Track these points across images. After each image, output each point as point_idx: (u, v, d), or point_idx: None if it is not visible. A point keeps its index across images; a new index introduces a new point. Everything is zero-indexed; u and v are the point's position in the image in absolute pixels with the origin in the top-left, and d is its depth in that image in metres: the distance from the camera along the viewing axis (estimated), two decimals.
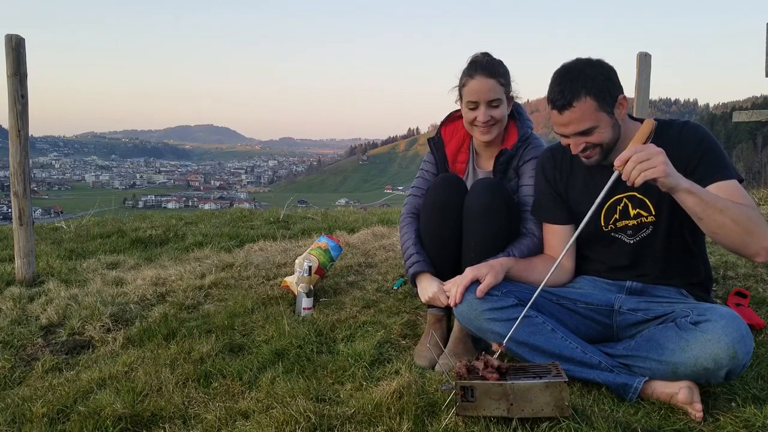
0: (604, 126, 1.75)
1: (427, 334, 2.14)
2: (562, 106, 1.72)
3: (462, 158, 2.31)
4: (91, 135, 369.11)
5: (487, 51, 2.20)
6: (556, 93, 1.73)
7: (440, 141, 2.33)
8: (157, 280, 3.18)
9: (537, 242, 2.08)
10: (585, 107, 1.71)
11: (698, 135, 1.78)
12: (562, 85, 1.72)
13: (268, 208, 6.84)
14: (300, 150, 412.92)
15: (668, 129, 1.84)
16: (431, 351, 2.01)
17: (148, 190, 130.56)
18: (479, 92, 2.07)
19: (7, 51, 3.22)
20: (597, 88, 1.71)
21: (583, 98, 1.70)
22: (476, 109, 2.09)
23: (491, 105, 2.08)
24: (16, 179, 3.32)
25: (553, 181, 2.02)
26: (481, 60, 2.11)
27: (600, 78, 1.72)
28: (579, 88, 1.70)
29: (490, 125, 2.10)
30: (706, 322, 1.56)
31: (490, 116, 2.08)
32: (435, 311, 2.18)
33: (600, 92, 1.71)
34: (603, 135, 1.76)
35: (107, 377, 2.06)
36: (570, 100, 1.70)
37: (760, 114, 4.95)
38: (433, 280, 2.09)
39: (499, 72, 2.09)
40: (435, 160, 2.34)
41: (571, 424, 1.45)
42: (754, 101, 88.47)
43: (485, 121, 2.08)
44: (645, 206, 1.85)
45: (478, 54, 2.18)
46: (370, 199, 54.34)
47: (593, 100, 1.70)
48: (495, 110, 2.09)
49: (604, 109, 1.73)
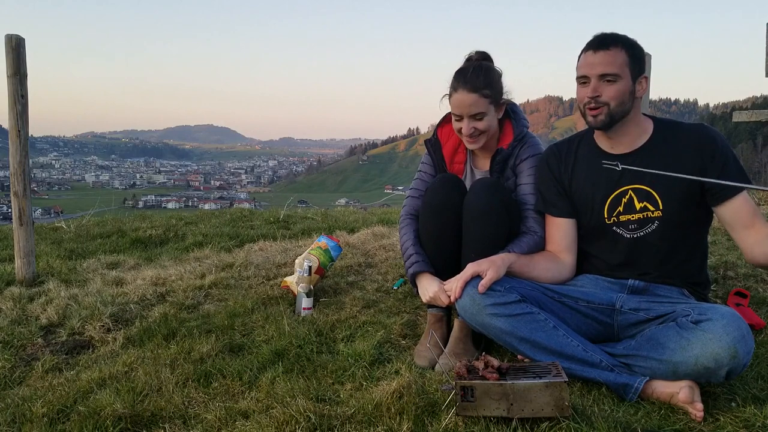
0: (624, 84, 1.81)
1: (427, 334, 2.14)
2: (598, 45, 1.83)
3: (459, 158, 2.32)
4: (91, 135, 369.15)
5: (483, 51, 2.22)
6: (596, 37, 1.85)
7: (437, 142, 2.34)
8: (157, 280, 3.17)
9: (538, 240, 2.08)
10: (619, 55, 1.82)
11: (720, 140, 1.83)
12: (605, 34, 1.86)
13: (268, 208, 6.84)
14: (300, 150, 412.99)
15: (679, 126, 1.89)
16: (431, 351, 2.00)
17: (148, 190, 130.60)
18: (461, 107, 2.09)
19: (7, 51, 3.22)
20: (633, 51, 1.83)
21: (620, 48, 1.82)
22: (461, 120, 2.12)
23: (475, 118, 2.10)
24: (16, 179, 3.32)
25: (557, 174, 2.03)
26: (467, 71, 2.10)
27: (637, 47, 1.85)
28: (620, 40, 1.83)
29: (474, 136, 2.13)
30: (707, 321, 1.56)
31: (473, 128, 2.10)
32: (435, 311, 2.18)
33: (634, 55, 1.83)
34: (620, 91, 1.81)
35: (107, 377, 2.06)
36: (609, 43, 1.82)
37: (760, 114, 4.95)
38: (433, 279, 2.09)
39: (483, 84, 2.08)
40: (432, 161, 2.36)
41: (571, 424, 1.45)
42: (754, 101, 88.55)
43: (469, 133, 2.11)
44: (652, 199, 1.85)
45: (470, 55, 2.19)
46: (370, 199, 54.34)
47: (627, 56, 1.82)
48: (479, 122, 2.10)
49: (630, 69, 1.82)
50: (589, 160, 1.97)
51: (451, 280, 1.92)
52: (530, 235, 2.08)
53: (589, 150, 1.99)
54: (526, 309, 1.77)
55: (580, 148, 2.01)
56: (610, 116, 1.83)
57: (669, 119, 1.94)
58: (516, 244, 2.06)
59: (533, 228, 2.09)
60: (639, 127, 1.89)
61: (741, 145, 50.36)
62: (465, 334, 2.07)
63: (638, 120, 1.89)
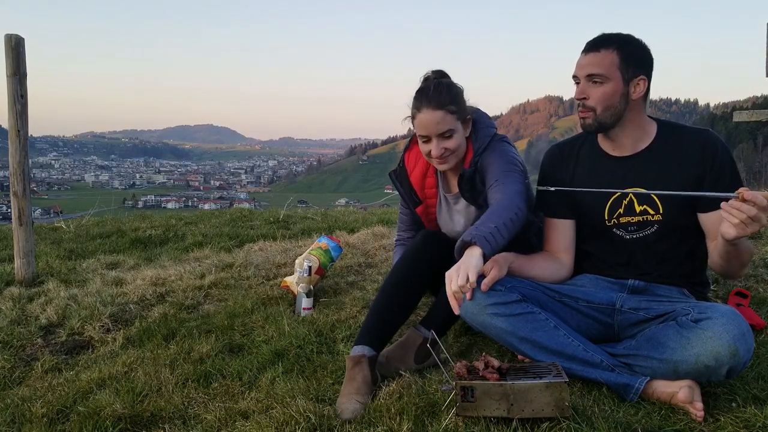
0: (612, 87, 1.79)
1: (349, 381, 1.80)
2: (590, 47, 1.82)
3: (430, 183, 2.21)
4: (91, 135, 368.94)
5: (440, 69, 2.09)
6: (590, 40, 1.84)
7: (403, 172, 2.23)
8: (157, 280, 3.17)
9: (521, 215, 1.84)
10: (608, 57, 1.80)
11: (722, 149, 1.81)
12: (600, 35, 1.84)
13: (268, 208, 6.84)
14: (300, 150, 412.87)
15: (683, 130, 1.88)
16: (354, 399, 1.70)
17: (148, 190, 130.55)
18: (428, 126, 1.96)
19: (6, 51, 3.22)
20: (628, 51, 1.80)
21: (611, 50, 1.79)
22: (429, 141, 1.99)
23: (443, 136, 1.97)
24: (16, 179, 3.32)
25: (559, 174, 2.02)
26: (428, 90, 1.98)
27: (634, 46, 1.81)
28: (611, 41, 1.81)
29: (445, 156, 2.00)
30: (707, 319, 1.56)
31: (443, 148, 1.98)
32: (354, 353, 1.87)
33: (627, 56, 1.80)
34: (606, 94, 1.80)
35: (107, 377, 2.06)
36: (600, 45, 1.81)
37: (760, 114, 4.95)
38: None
39: (447, 100, 1.96)
40: (402, 195, 2.26)
41: (571, 424, 1.45)
42: (754, 101, 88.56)
43: (439, 154, 1.99)
44: (652, 203, 1.85)
45: (427, 75, 2.07)
46: (370, 199, 54.32)
47: (617, 57, 1.79)
48: (448, 141, 1.98)
49: (621, 71, 1.79)
50: (591, 161, 1.97)
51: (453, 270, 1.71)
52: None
53: (591, 151, 1.98)
54: (527, 309, 1.77)
55: (583, 148, 2.01)
56: (598, 121, 1.83)
57: (673, 122, 1.92)
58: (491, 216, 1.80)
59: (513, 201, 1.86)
60: (640, 129, 1.87)
61: (741, 145, 50.36)
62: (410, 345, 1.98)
63: (639, 122, 1.87)
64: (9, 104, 3.24)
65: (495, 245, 1.68)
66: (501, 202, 1.84)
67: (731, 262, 1.70)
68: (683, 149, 1.83)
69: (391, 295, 1.98)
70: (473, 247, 1.67)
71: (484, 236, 1.67)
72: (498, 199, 1.87)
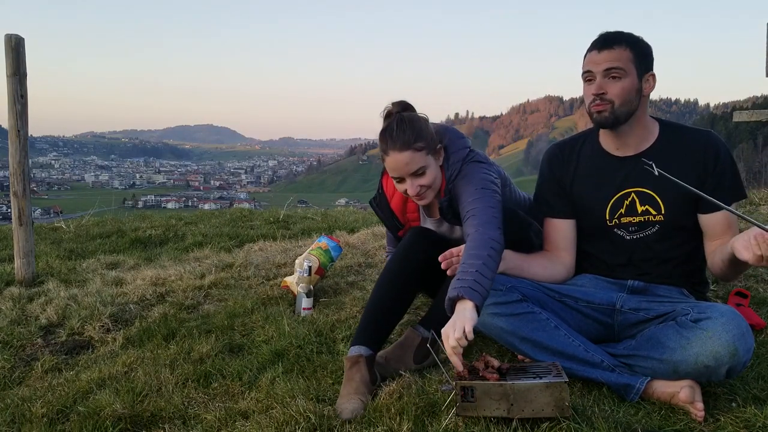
0: (630, 81, 1.79)
1: (348, 381, 1.82)
2: (603, 45, 1.82)
3: (412, 207, 2.18)
4: (91, 135, 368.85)
5: (400, 100, 2.02)
6: (601, 36, 1.85)
7: (382, 199, 2.19)
8: (157, 280, 3.17)
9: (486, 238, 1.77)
10: (624, 53, 1.80)
11: (723, 152, 1.82)
12: (608, 32, 1.85)
13: (268, 208, 6.84)
14: (300, 150, 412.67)
15: (685, 131, 1.88)
16: (354, 399, 1.72)
17: (148, 190, 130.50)
18: (398, 168, 1.91)
19: (6, 51, 3.22)
20: (638, 48, 1.82)
21: (624, 46, 1.81)
22: (403, 181, 1.94)
23: (416, 174, 1.92)
24: (16, 179, 3.32)
25: (559, 174, 2.02)
26: (391, 130, 1.91)
27: (644, 44, 1.84)
28: (623, 38, 1.82)
29: (422, 193, 1.95)
30: (706, 319, 1.56)
31: (418, 186, 1.93)
32: (351, 354, 1.88)
33: (639, 53, 1.82)
34: (625, 88, 1.80)
35: (107, 377, 2.06)
36: (613, 42, 1.81)
37: (760, 114, 4.95)
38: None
39: (412, 138, 1.89)
40: (384, 223, 2.25)
41: (571, 424, 1.45)
42: (754, 101, 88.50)
43: (416, 192, 1.94)
44: (655, 204, 1.85)
45: (388, 109, 2.00)
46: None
47: (631, 53, 1.80)
48: (422, 178, 1.92)
49: (636, 66, 1.80)
50: (593, 160, 1.96)
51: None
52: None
53: (592, 151, 1.98)
54: (527, 308, 1.77)
55: (584, 148, 2.00)
56: (615, 115, 1.81)
57: (674, 122, 1.93)
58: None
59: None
60: (645, 128, 1.88)
61: (741, 145, 50.35)
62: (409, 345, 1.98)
63: (645, 121, 1.87)
64: (9, 104, 3.24)
65: (483, 291, 1.62)
66: (475, 240, 1.76)
67: (735, 269, 1.72)
68: (686, 150, 1.83)
69: (384, 294, 1.98)
70: (463, 300, 1.60)
71: (470, 287, 1.60)
72: (471, 236, 1.79)
